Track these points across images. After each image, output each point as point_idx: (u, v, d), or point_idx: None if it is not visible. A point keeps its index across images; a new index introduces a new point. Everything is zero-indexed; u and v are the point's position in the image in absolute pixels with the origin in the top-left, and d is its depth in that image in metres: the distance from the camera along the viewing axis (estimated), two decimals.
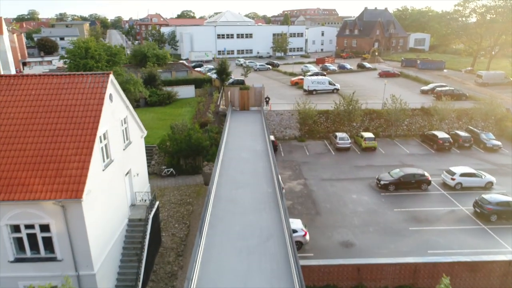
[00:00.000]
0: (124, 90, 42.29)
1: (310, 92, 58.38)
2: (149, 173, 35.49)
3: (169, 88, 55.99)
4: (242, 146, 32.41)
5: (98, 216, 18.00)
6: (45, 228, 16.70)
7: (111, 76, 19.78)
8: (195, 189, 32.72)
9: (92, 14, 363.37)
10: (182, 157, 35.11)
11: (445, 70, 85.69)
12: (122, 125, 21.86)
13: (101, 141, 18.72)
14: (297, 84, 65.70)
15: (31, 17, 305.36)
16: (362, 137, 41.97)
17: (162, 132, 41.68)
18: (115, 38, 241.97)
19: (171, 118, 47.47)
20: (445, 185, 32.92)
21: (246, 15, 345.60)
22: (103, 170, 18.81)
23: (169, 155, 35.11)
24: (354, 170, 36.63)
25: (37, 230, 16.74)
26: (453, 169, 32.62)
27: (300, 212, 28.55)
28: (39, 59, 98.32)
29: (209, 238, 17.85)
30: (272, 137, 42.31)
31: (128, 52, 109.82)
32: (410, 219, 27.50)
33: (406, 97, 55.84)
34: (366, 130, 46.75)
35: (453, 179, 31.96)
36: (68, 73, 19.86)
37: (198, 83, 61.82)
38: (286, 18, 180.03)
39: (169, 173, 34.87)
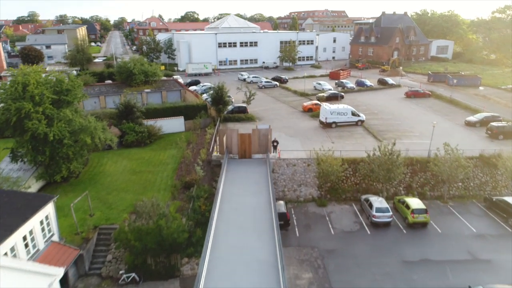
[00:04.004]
0: (76, 142, 31.08)
1: (328, 125, 46.61)
2: (102, 277, 24.16)
3: (151, 122, 44.49)
4: (237, 249, 20.99)
5: None
6: None
7: None
8: None
9: (93, 16, 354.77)
10: (150, 255, 23.59)
11: (481, 88, 73.53)
12: None
13: None
14: (311, 111, 53.93)
15: (31, 19, 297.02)
16: (408, 206, 30.11)
17: (134, 198, 30.25)
18: (115, 42, 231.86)
19: (148, 170, 36.00)
20: None
21: (252, 17, 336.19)
22: None
23: (131, 252, 23.57)
24: (404, 270, 24.82)
25: None
26: None
27: None
28: None
29: None
30: (281, 203, 30.87)
31: (119, 60, 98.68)
32: None
33: (449, 132, 44.36)
34: (408, 188, 34.95)
35: None
36: None
37: (190, 111, 50.12)
38: (294, 22, 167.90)
39: (129, 279, 23.35)
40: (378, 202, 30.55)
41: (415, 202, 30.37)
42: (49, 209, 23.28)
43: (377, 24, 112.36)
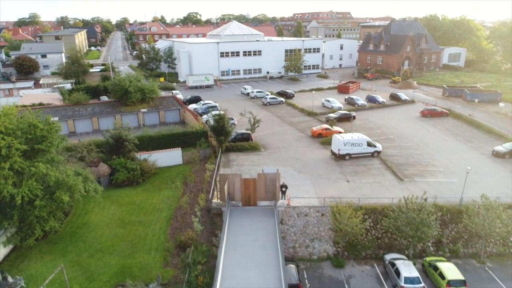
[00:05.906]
0: (51, 198, 26.48)
1: (341, 157, 42.04)
2: None
3: (145, 155, 40.06)
4: None
5: None
6: None
7: None
8: None
9: (94, 17, 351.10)
10: None
11: (501, 104, 68.75)
12: None
13: None
14: (321, 136, 49.37)
15: (32, 20, 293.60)
16: (442, 276, 25.50)
17: (119, 263, 25.95)
18: (115, 45, 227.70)
19: (139, 220, 31.51)
20: None
21: (255, 17, 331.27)
22: None
23: None
24: None
25: None
26: None
27: None
28: (10, 85, 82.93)
29: None
30: (293, 268, 26.48)
31: (117, 70, 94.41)
32: None
33: (475, 165, 39.85)
34: (438, 244, 30.32)
35: None
36: None
37: (189, 138, 45.88)
38: (298, 26, 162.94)
39: None
40: (406, 268, 25.96)
41: (449, 269, 25.70)
42: None
43: (386, 31, 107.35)
